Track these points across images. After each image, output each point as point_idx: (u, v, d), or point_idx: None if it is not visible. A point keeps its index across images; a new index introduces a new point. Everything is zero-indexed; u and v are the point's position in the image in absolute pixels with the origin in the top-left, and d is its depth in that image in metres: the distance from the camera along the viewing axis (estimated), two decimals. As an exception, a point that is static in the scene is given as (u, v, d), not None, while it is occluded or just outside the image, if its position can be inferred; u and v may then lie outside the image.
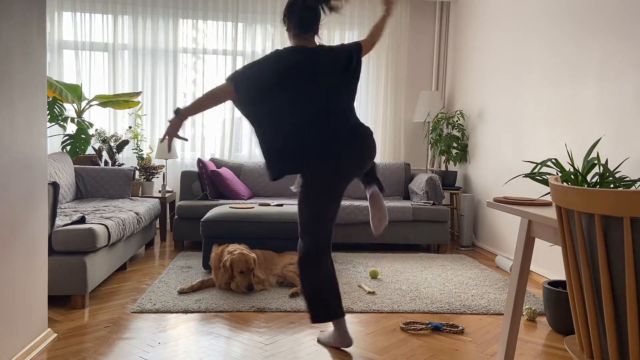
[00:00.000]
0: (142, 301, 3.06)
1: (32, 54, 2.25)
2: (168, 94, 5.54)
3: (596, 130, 3.30)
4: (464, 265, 4.22)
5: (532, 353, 2.50)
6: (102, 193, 4.47)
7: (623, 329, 1.16)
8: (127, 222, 3.50)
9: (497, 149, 4.71)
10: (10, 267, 2.09)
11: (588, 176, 1.87)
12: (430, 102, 5.52)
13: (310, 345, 2.51)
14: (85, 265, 2.89)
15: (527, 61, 4.18)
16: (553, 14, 3.82)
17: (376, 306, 3.09)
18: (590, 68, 3.36)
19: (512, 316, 1.97)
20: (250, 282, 3.24)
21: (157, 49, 5.50)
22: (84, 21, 5.40)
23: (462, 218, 5.05)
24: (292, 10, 2.47)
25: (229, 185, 4.87)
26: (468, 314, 3.03)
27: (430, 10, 5.89)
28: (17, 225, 2.14)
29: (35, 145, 2.30)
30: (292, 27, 2.49)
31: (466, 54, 5.49)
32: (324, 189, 2.37)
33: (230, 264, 3.25)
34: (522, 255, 1.94)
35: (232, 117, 5.62)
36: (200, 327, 2.70)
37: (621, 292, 1.15)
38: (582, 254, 1.22)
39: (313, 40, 2.50)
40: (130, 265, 4.03)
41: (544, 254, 3.82)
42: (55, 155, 4.13)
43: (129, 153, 5.46)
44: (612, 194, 1.09)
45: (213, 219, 3.81)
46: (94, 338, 2.52)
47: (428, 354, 2.43)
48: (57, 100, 4.60)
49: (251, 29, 5.61)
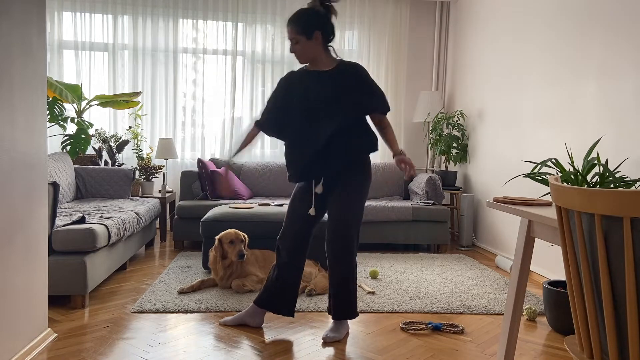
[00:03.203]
0: (142, 301, 3.06)
1: (32, 54, 2.25)
2: (168, 94, 5.54)
3: (596, 130, 3.30)
4: (464, 265, 4.22)
5: (532, 353, 2.50)
6: (102, 193, 4.47)
7: (623, 329, 1.16)
8: (127, 222, 3.50)
9: (497, 149, 4.71)
10: (10, 267, 2.09)
11: (588, 176, 1.87)
12: (430, 102, 5.52)
13: (310, 345, 2.51)
14: (85, 265, 2.89)
15: (527, 61, 4.18)
16: (553, 14, 3.82)
17: (376, 306, 3.09)
18: (590, 68, 3.36)
19: (512, 316, 1.97)
20: (240, 249, 3.31)
21: (157, 49, 5.50)
22: (84, 21, 5.40)
23: (462, 218, 5.05)
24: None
25: (229, 185, 4.87)
26: (468, 314, 3.03)
27: (430, 10, 5.89)
28: (17, 225, 2.14)
29: (35, 145, 2.30)
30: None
31: (466, 54, 5.49)
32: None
33: (219, 239, 3.34)
34: (522, 255, 1.93)
35: (232, 117, 5.62)
36: (200, 327, 2.70)
37: (621, 292, 1.15)
38: (582, 254, 1.22)
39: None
40: (130, 265, 4.03)
41: (544, 254, 3.82)
42: (55, 155, 4.13)
43: (129, 153, 5.46)
44: (612, 194, 1.09)
45: (213, 219, 3.81)
46: (94, 338, 2.52)
47: (428, 354, 2.43)
48: (57, 100, 4.60)
49: (251, 29, 5.61)
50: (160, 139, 5.13)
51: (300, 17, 2.50)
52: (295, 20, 2.51)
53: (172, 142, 5.13)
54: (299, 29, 2.49)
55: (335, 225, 2.52)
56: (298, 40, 2.51)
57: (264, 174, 5.28)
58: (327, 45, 2.57)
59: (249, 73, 5.65)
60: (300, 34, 2.50)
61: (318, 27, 2.49)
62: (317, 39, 2.51)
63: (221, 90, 5.63)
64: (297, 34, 2.50)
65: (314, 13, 2.50)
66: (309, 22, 2.48)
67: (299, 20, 2.50)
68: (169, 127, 5.56)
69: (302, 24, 2.49)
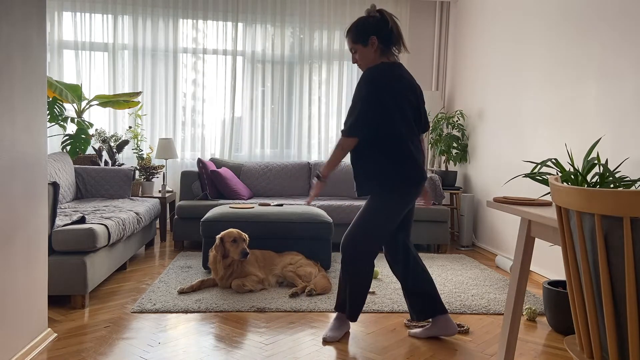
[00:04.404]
0: (142, 301, 3.06)
1: (32, 54, 2.25)
2: (168, 94, 5.54)
3: (596, 130, 3.30)
4: (464, 265, 4.22)
5: (532, 353, 2.50)
6: (102, 193, 4.47)
7: (623, 329, 1.16)
8: (127, 222, 3.50)
9: (497, 149, 4.71)
10: (10, 267, 2.09)
11: (588, 176, 1.87)
12: (430, 102, 5.52)
13: (310, 345, 2.51)
14: (85, 265, 2.89)
15: (527, 61, 4.18)
16: (553, 14, 3.82)
17: (376, 306, 3.09)
18: (590, 68, 3.36)
19: (512, 316, 1.97)
20: (243, 248, 3.30)
21: (157, 49, 5.50)
22: (84, 21, 5.39)
23: (462, 218, 5.05)
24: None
25: (229, 185, 4.87)
26: (468, 314, 3.03)
27: (430, 10, 5.89)
28: (17, 225, 2.14)
29: (35, 145, 2.30)
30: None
31: (466, 54, 5.49)
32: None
33: (220, 237, 3.34)
34: (522, 255, 1.93)
35: (232, 117, 5.63)
36: (200, 327, 2.70)
37: (621, 292, 1.15)
38: (582, 254, 1.22)
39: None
40: (130, 265, 4.03)
41: (544, 254, 3.82)
42: (55, 155, 4.13)
43: (129, 153, 5.46)
44: (612, 194, 1.09)
45: (213, 219, 3.81)
46: (94, 338, 2.52)
47: (428, 354, 2.43)
48: (57, 100, 4.60)
49: (251, 29, 5.61)
50: (160, 139, 5.13)
51: (356, 26, 2.52)
52: (352, 29, 2.53)
53: (172, 142, 5.13)
54: (354, 37, 2.52)
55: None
56: (356, 50, 2.53)
57: (264, 174, 5.28)
58: (388, 49, 2.54)
59: (249, 73, 5.65)
60: (356, 43, 2.52)
61: (373, 32, 2.49)
62: (374, 44, 2.50)
63: (221, 90, 5.63)
64: (354, 43, 2.53)
65: (366, 19, 2.51)
66: (363, 29, 2.50)
67: (355, 28, 2.52)
68: (169, 127, 5.56)
69: (357, 32, 2.51)
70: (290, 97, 5.75)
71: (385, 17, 2.51)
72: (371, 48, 2.50)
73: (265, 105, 5.71)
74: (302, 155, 5.78)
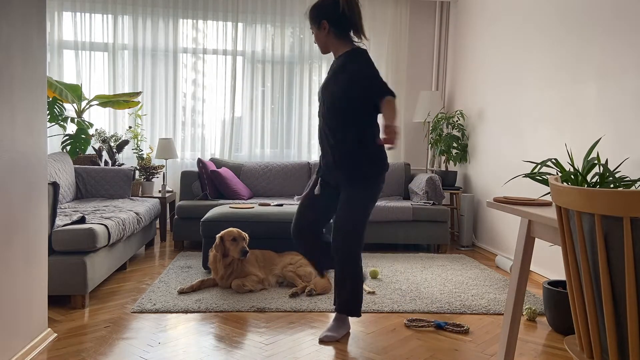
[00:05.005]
0: (142, 301, 3.06)
1: (32, 54, 2.25)
2: (168, 94, 5.54)
3: (596, 130, 3.30)
4: (464, 265, 4.22)
5: (532, 353, 2.50)
6: (102, 193, 4.47)
7: (623, 329, 1.16)
8: (127, 222, 3.50)
9: (497, 149, 4.71)
10: (10, 267, 2.09)
11: (588, 176, 1.87)
12: (430, 102, 5.52)
13: (310, 345, 2.51)
14: (85, 265, 2.89)
15: (527, 61, 4.18)
16: (553, 14, 3.82)
17: (376, 306, 3.09)
18: (590, 68, 3.36)
19: (512, 316, 1.97)
20: (243, 246, 3.31)
21: (157, 49, 5.50)
22: (84, 21, 5.40)
23: (462, 218, 5.05)
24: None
25: (229, 185, 4.87)
26: (468, 314, 3.03)
27: (430, 10, 5.89)
28: (17, 225, 2.14)
29: (35, 145, 2.30)
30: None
31: (466, 54, 5.49)
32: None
33: (220, 236, 3.34)
34: (522, 255, 1.93)
35: (232, 117, 5.63)
36: (200, 327, 2.70)
37: (621, 291, 1.15)
38: (582, 254, 1.22)
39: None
40: (130, 265, 4.03)
41: (544, 254, 3.82)
42: (55, 155, 4.13)
43: (129, 153, 5.46)
44: (612, 194, 1.09)
45: (213, 219, 3.81)
46: (94, 338, 2.52)
47: (428, 354, 2.43)
48: (57, 100, 4.60)
49: (251, 29, 5.61)
50: (160, 139, 5.13)
51: (312, 9, 2.59)
52: (309, 11, 2.61)
53: (172, 142, 5.13)
54: (310, 20, 2.60)
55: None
56: (312, 32, 2.62)
57: (264, 174, 5.28)
58: (341, 33, 2.56)
59: (249, 73, 5.65)
60: (312, 25, 2.60)
61: (324, 16, 2.54)
62: (325, 28, 2.55)
63: (221, 90, 5.63)
64: (311, 25, 2.61)
65: (322, 2, 2.56)
66: (316, 12, 2.57)
67: (310, 11, 2.59)
68: (169, 127, 5.56)
69: (311, 15, 2.59)
70: (290, 97, 5.75)
71: (337, 1, 2.52)
72: (323, 31, 2.56)
73: (265, 105, 5.71)
74: (302, 155, 5.78)
